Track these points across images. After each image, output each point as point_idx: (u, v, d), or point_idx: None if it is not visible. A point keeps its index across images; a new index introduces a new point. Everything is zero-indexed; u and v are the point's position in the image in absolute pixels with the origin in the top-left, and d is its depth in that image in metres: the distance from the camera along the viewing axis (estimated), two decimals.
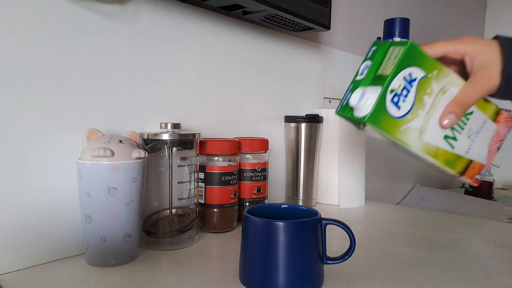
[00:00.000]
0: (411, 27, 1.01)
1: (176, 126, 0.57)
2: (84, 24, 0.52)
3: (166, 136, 0.55)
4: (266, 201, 0.73)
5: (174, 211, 0.57)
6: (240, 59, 0.77)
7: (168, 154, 0.56)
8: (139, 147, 0.53)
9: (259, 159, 0.71)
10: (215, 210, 0.64)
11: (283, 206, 0.49)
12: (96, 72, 0.54)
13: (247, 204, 0.69)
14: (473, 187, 1.63)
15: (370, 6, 1.17)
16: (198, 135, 0.59)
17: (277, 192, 0.87)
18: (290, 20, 0.72)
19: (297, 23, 0.74)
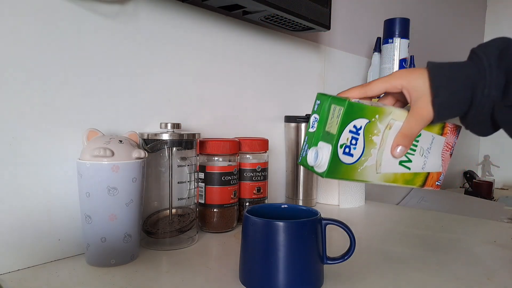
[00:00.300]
0: (411, 27, 1.01)
1: (176, 126, 0.57)
2: (84, 24, 0.52)
3: (166, 136, 0.55)
4: (266, 201, 0.73)
5: (174, 211, 0.57)
6: (240, 59, 0.77)
7: (168, 154, 0.56)
8: (139, 147, 0.53)
9: (259, 159, 0.71)
10: (215, 210, 0.64)
11: (283, 206, 0.49)
12: (96, 72, 0.54)
13: (247, 204, 0.69)
14: (473, 187, 1.63)
15: (370, 6, 1.17)
16: (198, 135, 0.59)
17: (277, 192, 0.87)
18: (290, 20, 0.72)
19: (297, 23, 0.74)
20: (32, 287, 0.42)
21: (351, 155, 0.42)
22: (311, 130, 0.44)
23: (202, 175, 0.64)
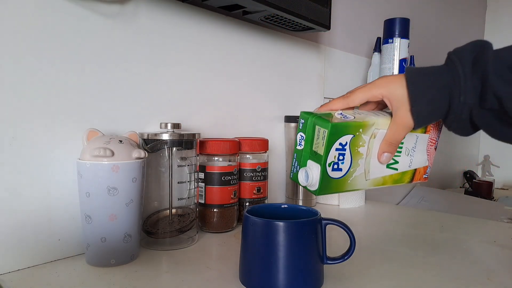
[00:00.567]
0: (411, 27, 1.01)
1: (176, 126, 0.57)
2: (84, 24, 0.52)
3: (166, 136, 0.55)
4: (266, 201, 0.73)
5: (174, 211, 0.57)
6: (240, 59, 0.77)
7: (168, 154, 0.56)
8: (139, 147, 0.53)
9: (259, 159, 0.71)
10: (215, 210, 0.64)
11: (283, 206, 0.49)
12: (96, 72, 0.54)
13: (247, 204, 0.69)
14: (473, 187, 1.63)
15: (370, 6, 1.17)
16: (198, 135, 0.59)
17: (277, 192, 0.87)
18: (290, 20, 0.72)
19: (297, 23, 0.74)
20: (32, 287, 0.42)
21: (340, 170, 0.43)
22: (299, 147, 0.45)
23: (202, 175, 0.64)
